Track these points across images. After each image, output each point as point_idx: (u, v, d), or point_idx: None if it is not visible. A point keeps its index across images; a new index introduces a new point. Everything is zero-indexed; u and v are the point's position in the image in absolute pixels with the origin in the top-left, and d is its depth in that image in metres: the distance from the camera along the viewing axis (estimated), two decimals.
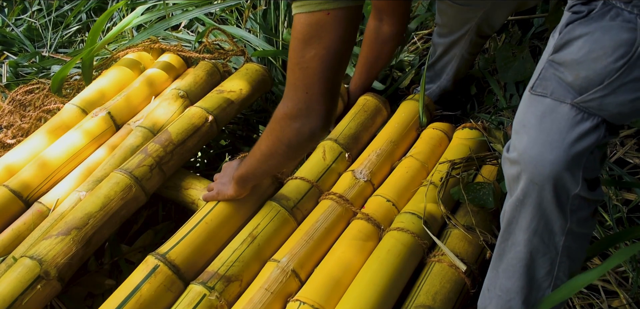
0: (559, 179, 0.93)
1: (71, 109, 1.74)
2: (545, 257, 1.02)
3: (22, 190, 1.52)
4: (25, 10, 2.73)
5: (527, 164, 0.95)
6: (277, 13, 2.14)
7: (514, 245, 1.04)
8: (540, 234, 1.00)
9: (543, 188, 0.94)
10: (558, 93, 0.92)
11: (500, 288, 1.09)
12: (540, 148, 0.92)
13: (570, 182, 0.93)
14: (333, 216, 1.38)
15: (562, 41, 0.91)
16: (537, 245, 1.01)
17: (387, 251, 1.27)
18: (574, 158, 0.91)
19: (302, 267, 1.27)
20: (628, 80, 0.87)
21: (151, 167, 1.48)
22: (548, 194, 0.95)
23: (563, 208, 0.96)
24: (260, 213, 1.38)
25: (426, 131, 1.64)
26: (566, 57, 0.91)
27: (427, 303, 1.20)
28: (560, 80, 0.92)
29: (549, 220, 0.98)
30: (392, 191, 1.45)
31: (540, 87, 0.95)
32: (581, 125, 0.91)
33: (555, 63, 0.93)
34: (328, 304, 1.19)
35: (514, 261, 1.05)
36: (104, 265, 1.52)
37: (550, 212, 0.97)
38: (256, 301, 1.20)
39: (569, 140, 0.91)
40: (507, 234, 1.05)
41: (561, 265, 1.03)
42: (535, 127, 0.93)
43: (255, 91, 1.80)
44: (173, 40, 2.23)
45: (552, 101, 0.92)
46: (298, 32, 1.00)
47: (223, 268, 1.26)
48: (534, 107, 0.95)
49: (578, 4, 0.89)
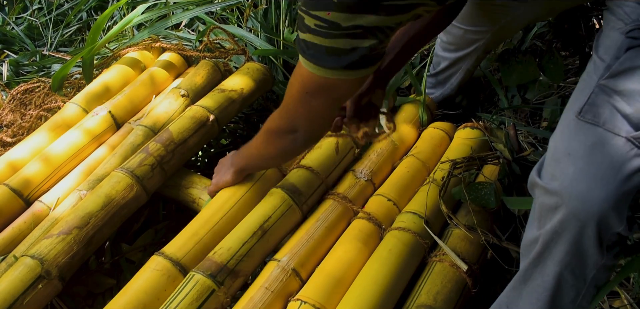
0: (605, 217, 0.84)
1: (72, 108, 1.74)
2: (572, 288, 0.96)
3: (22, 188, 1.52)
4: (26, 8, 2.73)
5: (572, 198, 0.85)
6: (278, 12, 2.14)
7: (543, 275, 0.97)
8: (572, 268, 0.93)
9: (586, 225, 0.86)
10: (612, 123, 0.83)
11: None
12: (589, 183, 0.83)
13: (616, 221, 0.85)
14: (334, 215, 1.37)
15: (621, 67, 0.84)
16: (567, 278, 0.95)
17: (389, 250, 1.27)
18: (624, 197, 0.84)
19: (302, 266, 1.27)
20: None
21: (152, 166, 1.48)
22: (590, 231, 0.86)
23: (602, 245, 0.89)
24: (270, 204, 1.37)
25: (427, 130, 1.64)
26: (626, 86, 0.83)
27: (428, 302, 1.20)
28: (615, 109, 0.84)
29: (585, 256, 0.90)
30: (393, 191, 1.45)
31: (590, 114, 0.86)
32: (634, 161, 0.82)
33: (610, 90, 0.85)
34: (329, 304, 1.19)
35: (540, 290, 0.99)
36: (105, 264, 1.52)
37: (587, 248, 0.89)
38: (257, 300, 1.19)
39: (621, 177, 0.82)
40: (538, 261, 0.98)
41: (586, 294, 0.97)
42: (584, 159, 0.84)
43: (256, 90, 1.80)
44: (174, 39, 2.23)
45: (604, 131, 0.84)
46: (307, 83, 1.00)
47: (232, 262, 1.24)
48: (582, 135, 0.86)
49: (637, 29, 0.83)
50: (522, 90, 1.81)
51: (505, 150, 1.51)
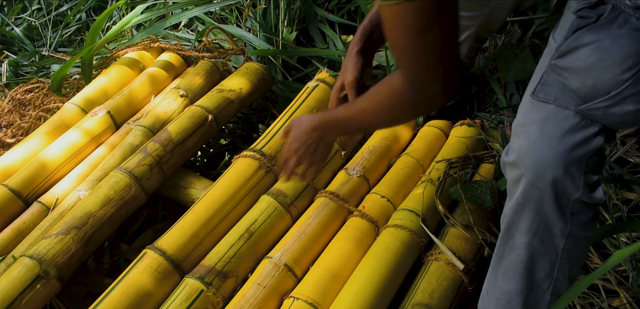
0: (559, 183, 0.92)
1: (71, 108, 1.74)
2: (545, 259, 1.01)
3: (21, 189, 1.52)
4: (25, 9, 2.73)
5: (528, 168, 0.94)
6: (277, 12, 2.14)
7: (514, 248, 1.03)
8: (540, 237, 0.99)
9: (544, 192, 0.94)
10: (562, 99, 0.91)
11: (500, 291, 1.08)
12: (541, 152, 0.92)
13: (571, 187, 0.93)
14: (326, 212, 1.37)
15: (568, 47, 0.90)
16: (537, 247, 1.00)
17: (385, 248, 1.27)
18: (575, 163, 0.91)
19: (296, 262, 1.27)
20: (634, 91, 0.87)
21: (151, 166, 1.48)
22: (548, 198, 0.94)
23: (563, 211, 0.96)
24: (257, 209, 1.39)
25: (423, 128, 1.64)
26: (573, 63, 0.90)
27: (424, 301, 1.20)
28: (564, 86, 0.91)
29: (549, 223, 0.97)
30: (388, 189, 1.45)
31: (542, 93, 0.94)
32: (583, 131, 0.90)
33: (559, 68, 0.92)
34: (324, 301, 1.19)
35: (514, 264, 1.04)
36: (104, 264, 1.52)
37: (550, 216, 0.96)
38: (249, 296, 1.20)
39: (570, 144, 0.90)
40: (507, 237, 1.04)
41: (561, 267, 1.02)
42: (537, 132, 0.93)
43: (255, 90, 1.80)
44: (173, 39, 2.23)
45: (555, 107, 0.92)
46: (406, 22, 0.90)
47: (220, 264, 1.26)
48: (535, 111, 0.94)
49: (585, 8, 0.88)
50: (521, 89, 1.81)
51: (501, 148, 1.51)
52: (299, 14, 2.17)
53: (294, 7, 2.16)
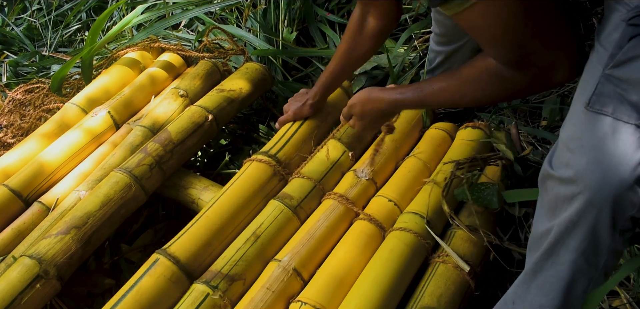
0: (620, 201, 0.87)
1: (71, 108, 1.74)
2: (585, 276, 0.96)
3: (21, 189, 1.51)
4: (25, 9, 2.73)
5: (588, 187, 0.88)
6: (277, 12, 2.14)
7: (556, 264, 0.98)
8: (587, 256, 0.94)
9: (602, 211, 0.88)
10: (621, 112, 0.86)
11: (531, 303, 1.03)
12: (604, 170, 0.86)
13: (630, 204, 0.88)
14: (334, 215, 1.37)
15: (625, 56, 0.86)
16: (581, 266, 0.95)
17: (391, 251, 1.27)
18: (637, 181, 0.86)
19: (304, 266, 1.27)
20: None
21: (151, 166, 1.48)
22: (606, 217, 0.89)
23: (616, 229, 0.91)
24: (264, 212, 1.38)
25: (429, 131, 1.63)
26: (632, 74, 0.85)
27: (432, 305, 1.19)
28: (623, 98, 0.86)
29: (600, 241, 0.92)
30: (394, 191, 1.44)
31: (598, 104, 0.88)
32: None
33: (616, 79, 0.87)
34: (331, 305, 1.19)
35: (554, 280, 0.99)
36: (104, 264, 1.52)
37: (603, 234, 0.91)
38: (258, 300, 1.19)
39: (633, 162, 0.85)
40: (550, 252, 0.98)
41: (597, 282, 0.97)
42: (597, 148, 0.87)
43: (256, 90, 1.80)
44: (173, 39, 2.22)
45: (613, 120, 0.87)
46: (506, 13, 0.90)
47: (226, 267, 1.25)
48: (592, 125, 0.88)
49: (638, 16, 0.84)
50: None
51: (507, 150, 1.51)
52: (299, 14, 2.17)
53: (294, 7, 2.16)
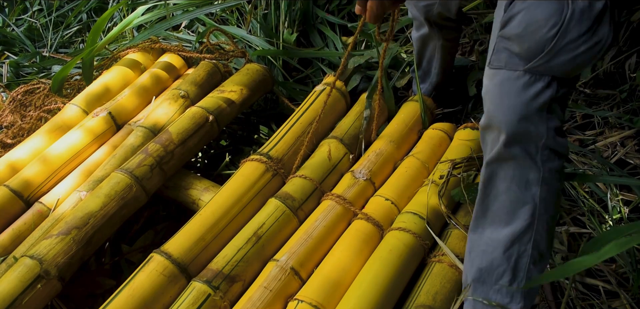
0: (525, 134, 1.05)
1: (72, 109, 1.74)
2: (525, 207, 1.11)
3: (22, 189, 1.52)
4: (26, 10, 2.73)
5: (496, 126, 1.08)
6: (278, 14, 2.14)
7: (496, 196, 1.13)
8: (517, 182, 1.10)
9: (513, 144, 1.07)
10: (511, 63, 1.04)
11: (485, 242, 1.15)
12: (505, 111, 1.05)
13: (536, 134, 1.05)
14: (332, 215, 1.37)
15: (506, 18, 1.03)
16: (517, 194, 1.10)
17: (389, 251, 1.27)
18: (536, 113, 1.04)
19: (302, 266, 1.27)
20: (564, 44, 0.99)
21: (152, 167, 1.48)
22: (518, 151, 1.07)
23: (534, 159, 1.08)
24: (265, 212, 1.38)
25: (427, 131, 1.64)
26: (511, 32, 1.03)
27: (427, 302, 1.20)
28: (510, 52, 1.04)
29: (524, 169, 1.09)
30: (392, 191, 1.45)
31: (496, 61, 1.07)
32: (535, 86, 1.03)
33: (504, 38, 1.05)
34: (329, 304, 1.19)
35: (499, 212, 1.13)
36: (105, 265, 1.52)
37: (523, 163, 1.08)
38: (255, 299, 1.20)
39: (526, 98, 1.03)
40: (488, 189, 1.14)
41: (540, 218, 1.11)
42: (498, 95, 1.06)
43: (256, 91, 1.80)
44: (174, 40, 2.23)
45: (507, 71, 1.05)
46: None
47: (227, 267, 1.26)
48: (494, 78, 1.07)
49: None
50: None
51: None
52: (299, 15, 2.17)
53: (294, 8, 2.17)
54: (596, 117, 1.74)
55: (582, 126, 1.76)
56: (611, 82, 1.82)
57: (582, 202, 1.54)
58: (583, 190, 1.56)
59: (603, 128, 1.72)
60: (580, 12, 0.97)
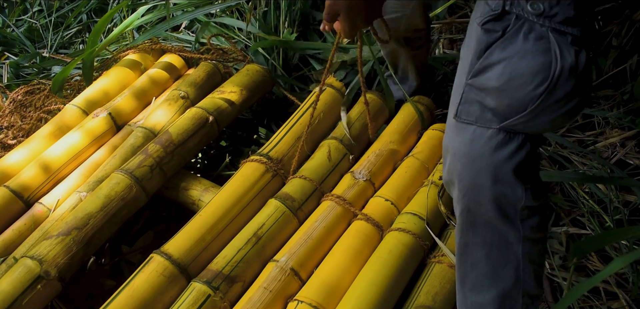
0: (500, 198, 0.95)
1: (72, 110, 1.74)
2: (508, 267, 1.03)
3: (22, 190, 1.52)
4: (26, 10, 2.73)
5: (467, 190, 0.97)
6: (278, 13, 2.15)
7: (475, 264, 1.05)
8: (497, 247, 1.01)
9: (488, 208, 0.97)
10: (483, 119, 0.94)
11: (472, 305, 1.09)
12: (475, 174, 0.95)
13: (512, 197, 0.96)
14: (332, 216, 1.38)
15: (482, 66, 0.91)
16: (498, 257, 1.02)
17: (389, 251, 1.27)
18: (508, 176, 0.94)
19: (301, 266, 1.27)
20: (549, 103, 0.89)
21: (152, 168, 1.48)
22: (494, 214, 0.97)
23: (513, 221, 0.98)
24: (265, 213, 1.38)
25: (427, 132, 1.64)
26: (487, 83, 0.91)
27: (427, 303, 1.20)
28: (483, 105, 0.94)
29: (502, 233, 1.00)
30: (392, 192, 1.45)
31: (464, 114, 0.96)
32: (509, 145, 0.93)
33: (476, 89, 0.94)
34: (329, 304, 1.19)
35: (480, 278, 1.05)
36: (105, 266, 1.52)
37: (501, 227, 0.99)
38: (255, 299, 1.20)
39: (499, 160, 0.93)
40: (466, 256, 1.06)
41: (526, 271, 1.03)
42: (467, 155, 0.95)
43: (256, 92, 1.80)
44: (174, 41, 2.23)
45: (478, 128, 0.94)
46: None
47: (227, 268, 1.26)
48: (461, 134, 0.96)
49: (491, 20, 0.89)
50: None
51: None
52: (299, 16, 2.18)
53: (294, 8, 2.17)
54: (596, 117, 1.74)
55: (582, 126, 1.76)
56: (612, 83, 1.82)
57: (581, 203, 1.54)
58: (583, 191, 1.56)
59: (603, 128, 1.72)
60: (569, 70, 0.86)
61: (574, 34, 0.86)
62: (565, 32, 0.86)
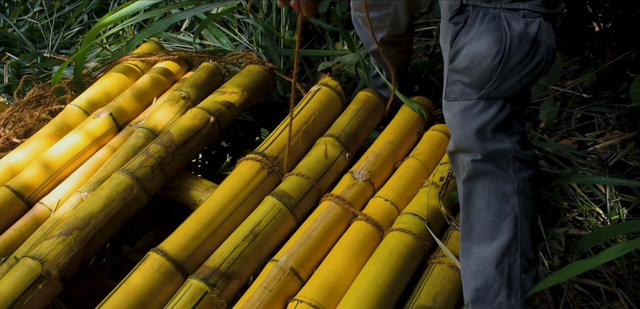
0: (491, 153, 1.12)
1: (73, 110, 1.75)
2: (507, 219, 1.15)
3: (23, 190, 1.52)
4: (27, 11, 2.73)
5: (466, 151, 1.14)
6: (279, 17, 2.15)
7: (478, 214, 1.17)
8: (495, 195, 1.15)
9: (484, 164, 1.13)
10: (465, 94, 1.12)
11: (476, 262, 1.18)
12: (468, 140, 1.13)
13: (504, 150, 1.12)
14: (332, 216, 1.38)
15: (453, 53, 1.09)
16: (497, 207, 1.15)
17: (389, 251, 1.28)
18: (495, 133, 1.11)
19: (301, 266, 1.28)
20: (509, 68, 1.06)
21: (153, 168, 1.49)
22: (490, 167, 1.13)
23: (507, 171, 1.14)
24: (262, 210, 1.39)
25: (427, 132, 1.64)
26: (459, 65, 1.09)
27: (427, 304, 1.21)
28: (462, 83, 1.11)
29: (499, 183, 1.14)
30: (392, 192, 1.45)
31: (451, 93, 1.14)
32: (491, 109, 1.10)
33: (454, 72, 1.11)
34: (329, 304, 1.20)
35: (482, 229, 1.17)
36: (106, 266, 1.53)
37: (497, 177, 1.14)
38: (255, 299, 1.20)
39: (486, 121, 1.10)
40: (469, 208, 1.19)
41: (523, 226, 1.15)
42: (459, 124, 1.13)
43: (257, 93, 1.80)
44: (175, 41, 2.23)
45: (462, 101, 1.12)
46: None
47: (224, 265, 1.26)
48: (452, 110, 1.15)
49: (455, 14, 1.07)
50: None
51: None
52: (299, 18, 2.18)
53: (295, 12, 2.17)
54: (597, 118, 1.75)
55: (581, 128, 1.76)
56: (611, 83, 1.82)
57: (581, 204, 1.54)
58: (582, 192, 1.56)
59: (603, 130, 1.72)
60: (518, 38, 1.04)
61: (525, 8, 1.04)
62: (517, 9, 1.04)
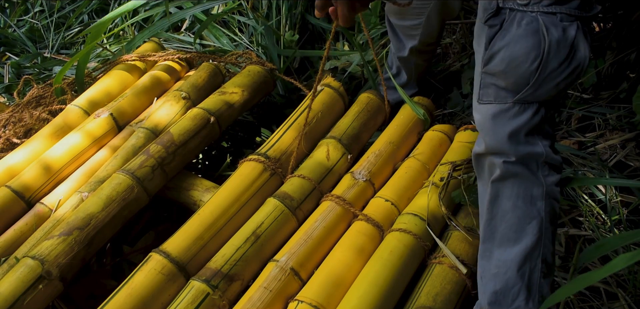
0: (524, 156, 1.12)
1: (74, 110, 1.75)
2: (533, 222, 1.14)
3: (24, 190, 1.52)
4: (27, 11, 2.73)
5: (499, 155, 1.13)
6: (279, 17, 2.15)
7: (504, 216, 1.16)
8: (523, 198, 1.14)
9: (516, 166, 1.12)
10: (500, 97, 1.11)
11: (496, 265, 1.17)
12: (501, 143, 1.12)
13: (534, 154, 1.12)
14: (332, 216, 1.38)
15: (489, 55, 1.09)
16: (523, 209, 1.14)
17: (390, 252, 1.28)
18: (530, 135, 1.11)
19: (301, 266, 1.28)
20: (547, 73, 1.05)
21: (153, 168, 1.49)
22: (521, 169, 1.12)
23: (536, 174, 1.13)
24: (264, 211, 1.39)
25: (428, 133, 1.64)
26: (495, 69, 1.09)
27: (427, 304, 1.21)
28: (497, 86, 1.11)
29: (528, 186, 1.13)
30: (392, 192, 1.45)
31: (485, 97, 1.13)
32: (525, 114, 1.10)
33: (489, 74, 1.11)
34: (329, 305, 1.20)
35: (506, 231, 1.16)
36: (106, 266, 1.53)
37: (527, 179, 1.13)
38: (255, 299, 1.20)
39: (519, 125, 1.10)
40: (495, 210, 1.17)
41: (547, 232, 1.15)
42: (492, 127, 1.13)
43: (258, 93, 1.81)
44: (175, 41, 2.23)
45: (497, 104, 1.12)
46: None
47: (226, 267, 1.26)
48: (485, 112, 1.14)
49: (491, 17, 1.07)
50: None
51: None
52: (299, 19, 2.18)
53: (295, 12, 2.18)
54: (597, 118, 1.75)
55: (581, 128, 1.76)
56: (611, 83, 1.82)
57: (581, 204, 1.54)
58: (582, 192, 1.56)
59: (603, 130, 1.73)
60: (557, 43, 1.03)
61: (562, 12, 1.03)
62: (555, 12, 1.03)
